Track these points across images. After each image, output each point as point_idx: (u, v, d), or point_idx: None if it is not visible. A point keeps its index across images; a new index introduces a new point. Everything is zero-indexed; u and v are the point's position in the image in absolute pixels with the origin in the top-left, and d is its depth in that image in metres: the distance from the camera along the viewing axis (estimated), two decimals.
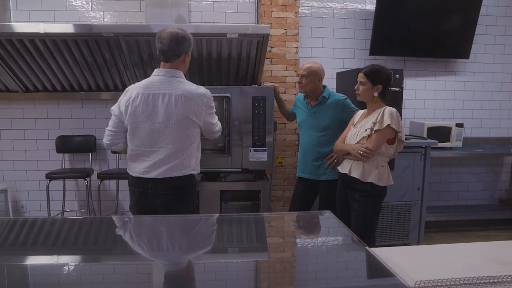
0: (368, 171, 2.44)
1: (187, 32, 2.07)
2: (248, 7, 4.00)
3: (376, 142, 2.38)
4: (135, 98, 2.00)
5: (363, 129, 2.46)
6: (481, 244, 1.43)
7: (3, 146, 3.90)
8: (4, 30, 3.02)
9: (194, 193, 2.22)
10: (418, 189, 3.47)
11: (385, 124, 2.36)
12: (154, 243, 1.41)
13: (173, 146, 2.00)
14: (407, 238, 3.50)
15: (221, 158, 3.19)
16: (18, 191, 3.96)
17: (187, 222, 1.64)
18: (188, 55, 2.12)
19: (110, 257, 1.30)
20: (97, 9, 3.85)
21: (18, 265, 1.17)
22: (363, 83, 2.48)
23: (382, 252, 1.34)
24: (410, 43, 4.10)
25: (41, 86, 3.73)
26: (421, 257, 1.33)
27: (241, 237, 1.42)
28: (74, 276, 1.09)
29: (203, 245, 1.33)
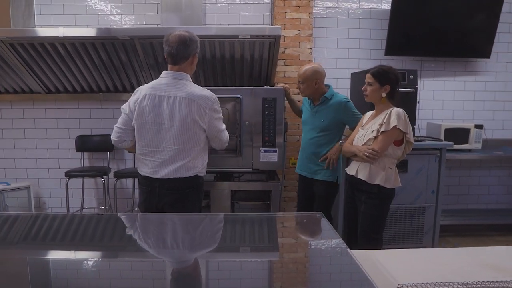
0: (375, 173, 2.42)
1: (193, 35, 2.12)
2: (263, 9, 4.02)
3: (383, 144, 2.36)
4: (142, 99, 2.07)
5: (370, 130, 2.44)
6: (478, 249, 1.41)
7: (27, 145, 4.08)
8: (26, 35, 3.17)
9: (201, 193, 2.25)
10: (433, 192, 3.39)
11: (391, 125, 2.33)
12: (156, 241, 1.45)
13: (177, 147, 2.05)
14: (421, 241, 3.44)
15: (232, 158, 3.23)
16: (41, 188, 4.13)
17: (184, 220, 1.67)
18: (195, 57, 2.17)
19: (114, 253, 1.35)
20: (115, 12, 3.97)
21: (37, 258, 1.22)
22: (370, 84, 2.47)
23: (372, 254, 1.34)
24: (428, 42, 4.01)
25: (62, 88, 3.88)
26: (412, 260, 1.32)
27: (214, 236, 1.42)
28: (84, 270, 1.14)
29: (190, 244, 1.36)
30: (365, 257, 1.33)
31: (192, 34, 2.12)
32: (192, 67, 2.18)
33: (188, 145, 2.07)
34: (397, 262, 1.31)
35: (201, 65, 3.62)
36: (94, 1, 3.94)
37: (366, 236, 2.52)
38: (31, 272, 1.10)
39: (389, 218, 3.36)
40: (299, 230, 1.36)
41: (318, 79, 2.87)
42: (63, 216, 1.68)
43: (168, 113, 2.03)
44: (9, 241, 1.30)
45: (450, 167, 4.30)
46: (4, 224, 1.46)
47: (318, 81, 2.87)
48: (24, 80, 3.72)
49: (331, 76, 4.15)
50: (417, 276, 1.19)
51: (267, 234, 1.34)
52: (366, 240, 2.52)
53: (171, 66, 2.14)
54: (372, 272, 1.20)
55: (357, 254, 1.36)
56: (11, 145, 4.07)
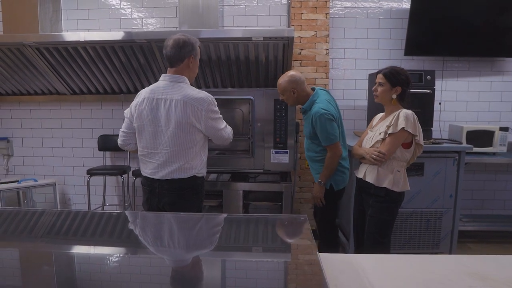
0: (382, 176, 2.38)
1: (190, 38, 2.15)
2: (280, 10, 4.03)
3: (390, 146, 2.32)
4: (141, 102, 2.13)
5: (378, 132, 2.41)
6: (469, 257, 1.37)
7: (54, 144, 4.29)
8: (49, 40, 3.34)
9: (200, 193, 2.28)
10: (451, 196, 3.29)
11: (399, 127, 2.29)
12: (146, 238, 1.48)
13: (173, 149, 2.10)
14: (437, 247, 3.34)
15: (244, 159, 3.27)
16: (66, 185, 4.34)
17: (172, 219, 1.68)
18: (193, 60, 2.18)
19: (109, 249, 1.40)
20: (137, 16, 4.10)
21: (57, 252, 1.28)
22: (382, 84, 2.42)
23: (355, 259, 1.33)
24: (451, 41, 3.87)
25: (86, 89, 4.05)
26: (397, 267, 1.30)
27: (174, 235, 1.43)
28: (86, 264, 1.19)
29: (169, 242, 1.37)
30: (347, 262, 1.33)
31: (188, 37, 2.14)
32: (190, 70, 2.19)
33: (184, 147, 2.11)
34: (381, 268, 1.29)
35: (217, 67, 3.68)
36: (117, 6, 4.08)
37: (373, 240, 2.48)
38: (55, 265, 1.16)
39: (404, 222, 3.30)
40: (274, 232, 1.37)
41: (294, 88, 2.65)
42: (67, 212, 1.75)
43: (164, 116, 2.09)
44: (22, 235, 1.37)
45: (474, 170, 4.15)
46: (21, 219, 1.53)
47: (295, 90, 2.65)
48: (51, 82, 3.91)
49: (350, 77, 4.12)
50: (397, 282, 1.17)
51: (237, 236, 1.36)
52: (372, 244, 2.48)
53: (169, 69, 2.19)
54: (348, 278, 1.20)
55: (339, 258, 1.37)
56: (40, 144, 4.30)
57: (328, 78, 3.93)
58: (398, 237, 3.32)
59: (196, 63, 2.22)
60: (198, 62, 2.23)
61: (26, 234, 1.37)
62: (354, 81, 4.12)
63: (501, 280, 1.20)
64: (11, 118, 4.30)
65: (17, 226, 1.45)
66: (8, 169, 4.33)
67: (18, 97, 4.19)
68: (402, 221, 3.30)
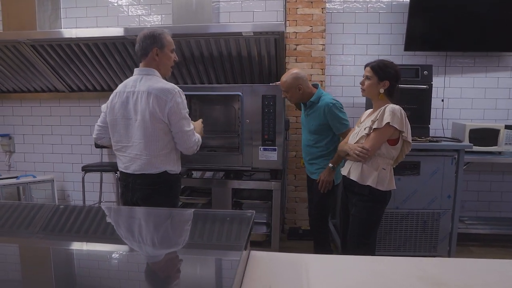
0: (367, 174, 2.27)
1: (153, 30, 2.10)
2: (276, 5, 3.95)
3: (374, 142, 2.20)
4: (114, 97, 2.12)
5: (363, 127, 2.30)
6: (427, 260, 1.27)
7: (54, 140, 4.35)
8: (44, 37, 3.38)
9: (174, 190, 2.22)
10: (449, 197, 3.14)
11: (384, 122, 2.16)
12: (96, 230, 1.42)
13: (141, 141, 2.06)
14: (435, 250, 3.19)
15: (233, 156, 3.21)
16: (65, 181, 4.39)
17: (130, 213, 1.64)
18: (159, 52, 2.11)
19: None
20: (134, 14, 4.11)
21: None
22: (369, 78, 2.29)
23: (302, 259, 1.26)
24: (454, 35, 3.71)
25: (84, 87, 4.09)
26: (342, 268, 1.22)
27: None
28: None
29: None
30: (292, 262, 1.26)
31: (151, 30, 2.10)
32: (157, 62, 2.13)
33: (151, 139, 2.06)
34: (328, 269, 1.21)
35: (210, 63, 3.64)
36: (115, 4, 4.10)
37: (356, 241, 2.38)
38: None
39: (399, 224, 3.18)
40: (211, 228, 1.31)
41: (301, 84, 2.70)
42: (35, 206, 1.73)
43: (133, 108, 2.06)
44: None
45: (479, 171, 3.96)
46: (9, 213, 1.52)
47: (301, 86, 2.70)
48: (49, 79, 3.97)
49: (348, 73, 4.00)
50: (339, 285, 1.09)
51: (173, 231, 1.30)
52: (355, 245, 2.37)
53: (140, 63, 2.17)
54: (287, 278, 1.13)
55: (284, 257, 1.29)
56: (40, 140, 4.36)
57: (324, 74, 3.83)
58: (393, 238, 3.20)
59: (164, 55, 2.13)
60: (167, 53, 2.14)
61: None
62: (353, 78, 4.00)
63: (454, 285, 1.10)
64: (13, 115, 4.38)
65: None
66: (10, 165, 4.42)
67: (19, 95, 4.27)
68: (397, 222, 3.17)
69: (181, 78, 3.87)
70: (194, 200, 3.48)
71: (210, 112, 3.67)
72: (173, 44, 2.19)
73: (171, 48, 2.16)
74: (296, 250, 3.56)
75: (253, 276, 1.13)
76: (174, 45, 2.20)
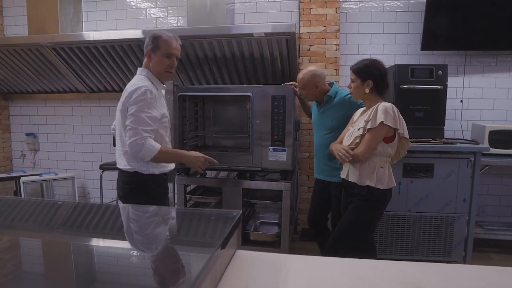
0: (365, 174, 2.26)
1: (155, 33, 2.11)
2: (291, 6, 3.95)
3: (369, 144, 2.20)
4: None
5: (357, 127, 2.29)
6: (413, 265, 1.25)
7: (75, 139, 4.50)
8: (64, 40, 3.52)
9: (154, 190, 2.13)
10: (464, 201, 3.04)
11: (378, 122, 2.16)
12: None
13: (118, 137, 2.14)
14: (449, 255, 3.10)
15: (243, 156, 3.23)
16: (86, 179, 4.54)
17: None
18: (151, 53, 2.11)
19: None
20: (152, 16, 4.20)
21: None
22: (353, 81, 2.35)
23: (285, 259, 1.26)
24: (474, 34, 3.59)
25: (103, 87, 4.21)
26: (322, 269, 1.21)
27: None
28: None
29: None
30: (273, 262, 1.26)
31: (154, 32, 2.13)
32: (153, 63, 2.12)
33: (121, 134, 2.08)
34: (308, 270, 1.21)
35: (223, 64, 3.68)
36: (134, 6, 4.21)
37: (349, 237, 2.35)
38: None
39: (412, 227, 3.11)
40: (195, 226, 1.33)
41: (318, 82, 2.75)
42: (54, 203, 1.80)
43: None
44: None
45: (501, 174, 3.81)
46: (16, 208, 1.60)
47: (318, 84, 2.75)
48: (70, 81, 4.12)
49: None
50: (316, 286, 1.09)
51: (154, 228, 1.33)
52: (347, 241, 2.35)
53: None
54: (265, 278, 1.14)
55: (269, 257, 1.30)
56: (62, 139, 4.53)
57: (339, 74, 3.80)
58: (405, 242, 3.13)
59: (156, 56, 2.10)
60: (159, 57, 2.10)
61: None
62: None
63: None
64: (38, 115, 4.57)
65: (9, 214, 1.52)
66: (35, 163, 4.61)
67: (44, 95, 4.45)
68: (409, 226, 3.11)
69: (196, 79, 3.93)
70: (205, 200, 3.52)
71: (224, 112, 3.72)
72: (172, 49, 2.12)
73: (165, 53, 2.10)
74: (306, 251, 3.55)
75: (232, 275, 1.15)
76: (175, 50, 2.14)
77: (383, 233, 3.15)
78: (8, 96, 4.55)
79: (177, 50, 2.17)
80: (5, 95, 4.52)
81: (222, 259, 1.12)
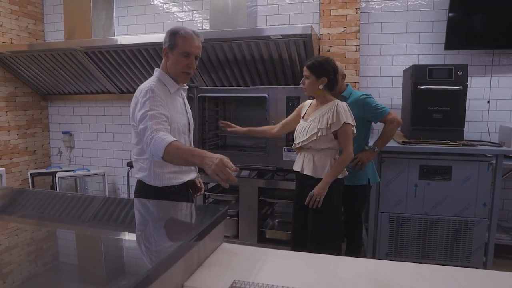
0: (319, 166, 2.39)
1: (174, 28, 1.89)
2: (312, 7, 3.97)
3: (348, 143, 2.36)
4: None
5: (314, 124, 2.38)
6: (383, 263, 1.27)
7: (106, 138, 4.77)
8: (89, 44, 3.76)
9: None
10: (484, 205, 2.94)
11: (342, 122, 2.31)
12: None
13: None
14: (469, 260, 3.01)
15: (259, 156, 3.30)
16: (116, 176, 4.78)
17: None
18: (169, 52, 1.90)
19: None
20: (177, 20, 4.37)
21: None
22: (307, 77, 2.43)
23: (262, 253, 1.32)
24: (501, 31, 3.44)
25: (132, 89, 4.43)
26: (296, 263, 1.26)
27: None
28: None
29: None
30: (255, 254, 1.32)
31: (174, 27, 1.90)
32: (169, 63, 1.91)
33: (133, 140, 1.96)
34: (282, 264, 1.26)
35: (244, 66, 3.77)
36: (162, 11, 4.40)
37: (323, 232, 2.41)
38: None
39: (428, 230, 3.05)
40: (182, 218, 1.41)
41: (343, 73, 2.85)
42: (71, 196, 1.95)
43: None
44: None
45: None
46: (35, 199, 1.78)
47: (342, 77, 2.84)
48: (102, 82, 4.37)
49: (386, 74, 3.90)
50: (282, 278, 1.14)
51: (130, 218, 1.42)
52: (324, 238, 2.41)
53: None
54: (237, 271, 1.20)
55: (250, 250, 1.36)
56: (95, 138, 4.81)
57: (359, 75, 3.78)
58: (421, 246, 3.08)
59: (173, 55, 1.89)
60: (176, 56, 1.88)
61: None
62: (391, 79, 3.90)
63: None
64: (73, 115, 4.88)
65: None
66: (70, 159, 4.93)
67: (79, 96, 4.75)
68: (426, 229, 3.05)
69: (218, 80, 4.04)
70: (224, 197, 3.63)
71: (244, 112, 3.83)
72: (191, 47, 1.86)
73: (183, 51, 1.86)
74: None
75: (210, 265, 1.23)
76: (194, 49, 1.88)
77: (398, 235, 3.11)
78: (47, 97, 4.89)
79: (196, 48, 1.90)
80: (45, 96, 4.87)
81: (200, 249, 1.20)
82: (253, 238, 3.40)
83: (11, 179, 4.51)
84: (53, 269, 1.00)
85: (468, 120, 3.66)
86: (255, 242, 3.40)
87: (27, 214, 1.52)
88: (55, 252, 1.13)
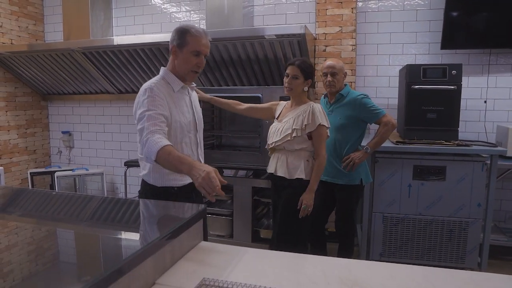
0: (293, 168, 2.40)
1: (182, 26, 1.88)
2: (308, 7, 3.97)
3: (322, 145, 2.38)
4: None
5: (288, 125, 2.38)
6: (358, 263, 1.27)
7: (105, 138, 4.80)
8: (87, 45, 3.78)
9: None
10: (479, 205, 2.92)
11: (317, 124, 2.32)
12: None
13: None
14: (463, 261, 2.99)
15: (253, 155, 3.31)
16: (115, 175, 4.82)
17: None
18: (175, 49, 1.87)
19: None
20: (175, 21, 4.39)
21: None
22: (297, 77, 2.40)
23: (238, 251, 1.33)
24: (499, 31, 3.41)
25: (130, 89, 4.46)
26: (269, 262, 1.26)
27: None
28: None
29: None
30: (231, 252, 1.33)
31: (181, 25, 1.89)
32: (178, 61, 1.88)
33: (138, 137, 1.85)
34: (256, 262, 1.26)
35: (240, 66, 3.77)
36: (159, 11, 4.42)
37: (294, 232, 2.45)
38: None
39: (422, 231, 3.04)
40: (160, 217, 1.42)
41: (344, 74, 2.86)
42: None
43: None
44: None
45: None
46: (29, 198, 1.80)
47: (345, 74, 2.87)
48: (100, 83, 4.40)
49: (383, 74, 3.89)
50: (253, 277, 1.15)
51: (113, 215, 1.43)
52: (293, 237, 2.45)
53: None
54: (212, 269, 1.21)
55: (227, 248, 1.37)
56: (94, 137, 4.85)
57: (355, 75, 3.77)
58: (415, 246, 3.06)
59: (182, 54, 1.85)
60: (185, 54, 1.85)
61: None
62: (388, 78, 3.88)
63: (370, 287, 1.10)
64: (73, 114, 4.92)
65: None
66: (70, 159, 4.97)
67: (78, 96, 4.79)
68: (420, 229, 3.03)
69: (215, 81, 4.05)
70: (218, 197, 3.62)
71: None
72: (201, 46, 1.85)
73: (193, 50, 1.84)
74: None
75: (185, 262, 1.23)
76: (204, 48, 1.87)
77: (392, 235, 3.09)
78: (47, 97, 4.94)
79: (206, 47, 1.89)
80: (45, 96, 4.91)
81: (175, 247, 1.21)
82: (247, 237, 3.41)
83: (11, 178, 4.56)
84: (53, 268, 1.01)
85: (465, 120, 3.65)
86: (249, 241, 3.41)
87: (27, 213, 1.54)
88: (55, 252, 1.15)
